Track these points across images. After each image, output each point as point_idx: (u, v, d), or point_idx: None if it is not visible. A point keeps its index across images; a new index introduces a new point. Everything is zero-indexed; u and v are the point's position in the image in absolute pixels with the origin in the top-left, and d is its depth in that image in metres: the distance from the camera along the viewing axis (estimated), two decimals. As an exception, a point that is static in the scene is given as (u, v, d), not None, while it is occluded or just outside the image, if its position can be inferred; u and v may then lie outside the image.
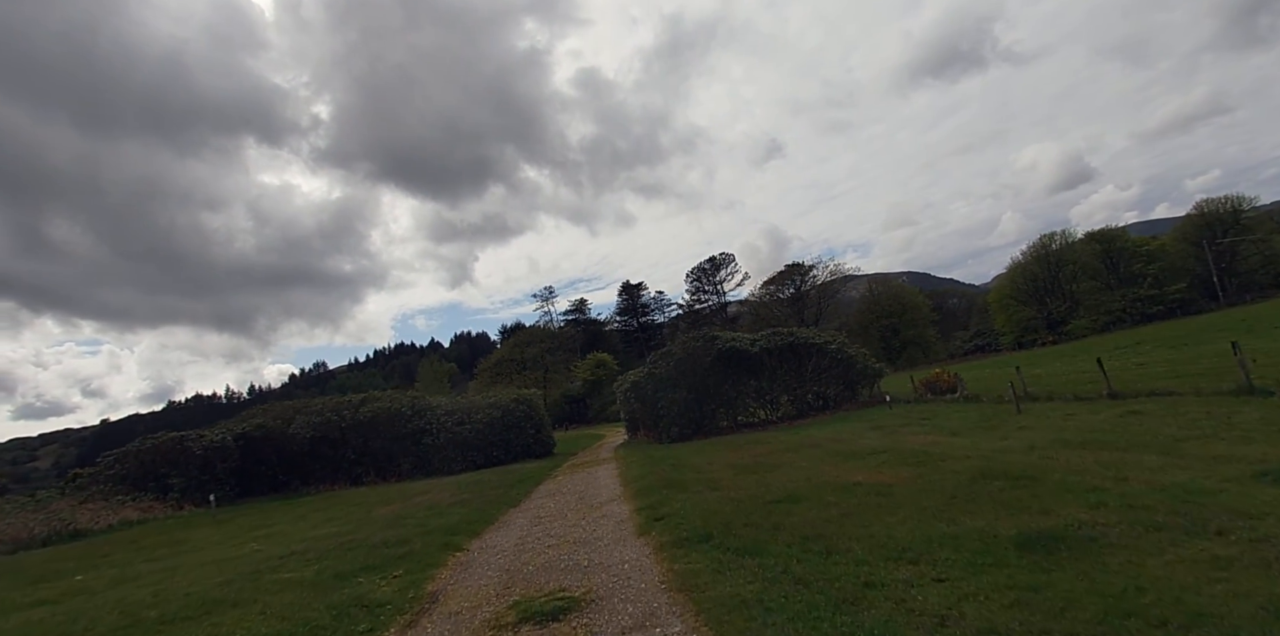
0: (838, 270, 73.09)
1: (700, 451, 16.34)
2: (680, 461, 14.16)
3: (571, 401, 73.90)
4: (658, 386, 21.86)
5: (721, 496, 8.47)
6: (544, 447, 24.18)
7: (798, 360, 22.36)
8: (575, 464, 18.65)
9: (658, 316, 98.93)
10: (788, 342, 22.45)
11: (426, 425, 23.14)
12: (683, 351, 21.97)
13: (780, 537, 5.82)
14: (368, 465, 22.82)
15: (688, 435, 21.32)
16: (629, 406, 23.11)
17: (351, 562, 7.09)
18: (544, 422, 24.50)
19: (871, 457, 10.70)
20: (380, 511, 12.63)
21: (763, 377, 22.09)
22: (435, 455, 22.79)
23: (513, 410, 23.68)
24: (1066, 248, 64.62)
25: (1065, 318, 61.59)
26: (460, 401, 24.74)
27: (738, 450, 15.29)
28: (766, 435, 18.09)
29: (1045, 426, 11.18)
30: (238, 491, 21.91)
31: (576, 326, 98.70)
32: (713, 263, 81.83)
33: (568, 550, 6.63)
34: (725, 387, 21.92)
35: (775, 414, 22.32)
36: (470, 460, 22.75)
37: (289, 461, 22.96)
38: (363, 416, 22.82)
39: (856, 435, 14.54)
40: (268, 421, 23.57)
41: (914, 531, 5.74)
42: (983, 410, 15.18)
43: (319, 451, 22.78)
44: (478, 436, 23.03)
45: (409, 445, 22.99)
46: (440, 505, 11.96)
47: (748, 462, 12.31)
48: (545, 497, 11.65)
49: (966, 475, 7.86)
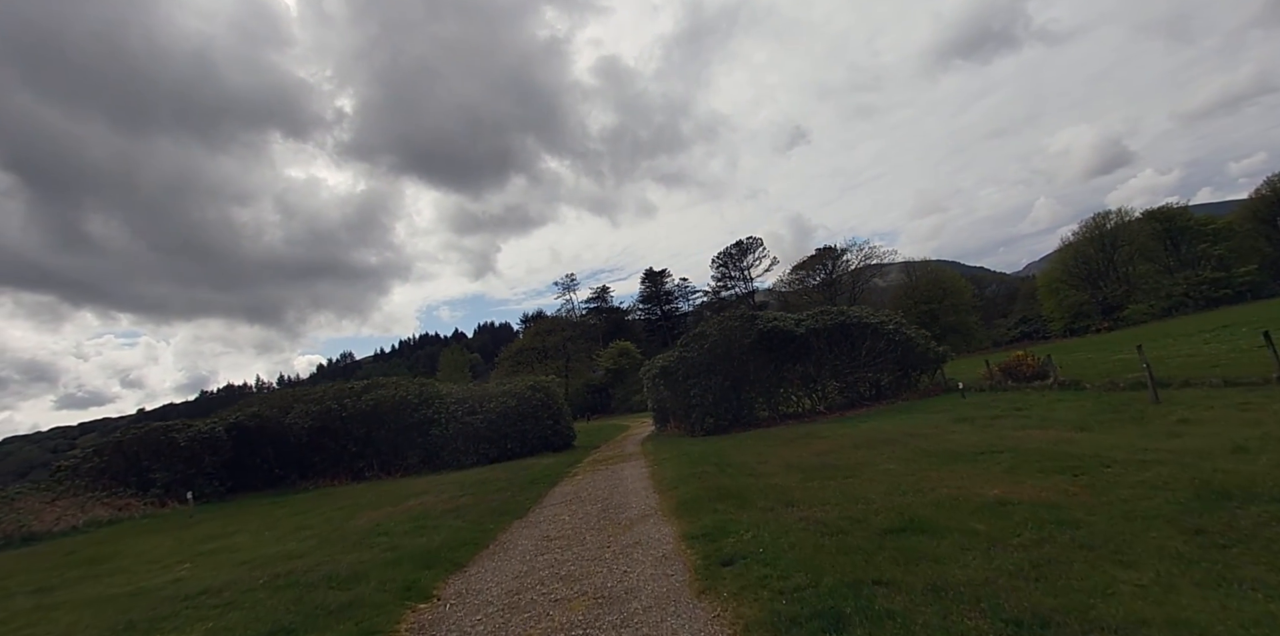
0: (872, 254, 69.46)
1: (743, 446, 13.85)
2: (724, 458, 11.69)
3: (594, 390, 71.88)
4: (690, 372, 19.37)
5: (804, 518, 5.96)
6: (563, 440, 21.89)
7: (849, 343, 19.67)
8: (597, 459, 16.28)
9: (682, 304, 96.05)
10: (837, 322, 19.76)
11: (435, 415, 20.98)
12: (718, 332, 19.43)
13: (959, 615, 3.29)
14: (370, 458, 20.77)
15: (724, 427, 18.83)
16: (657, 394, 20.67)
17: (263, 620, 4.75)
18: (563, 412, 22.21)
19: (985, 459, 8.12)
20: (361, 519, 10.39)
21: (809, 362, 19.45)
22: (444, 447, 20.65)
23: (528, 399, 21.40)
24: (1122, 227, 60.23)
25: (1121, 302, 57.43)
26: (472, 389, 22.54)
27: (790, 445, 12.77)
28: (819, 428, 15.51)
29: (1220, 419, 8.46)
30: (229, 486, 20.02)
31: (599, 315, 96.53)
32: (740, 247, 78.69)
33: (585, 612, 4.20)
34: (766, 373, 19.34)
35: (822, 403, 19.69)
36: (482, 453, 20.55)
37: (286, 454, 21.01)
38: (365, 405, 20.74)
39: (939, 429, 11.91)
40: (263, 410, 21.63)
41: (1208, 605, 3.19)
42: (1100, 399, 12.41)
43: (318, 443, 20.78)
44: (490, 427, 20.80)
45: (415, 436, 20.87)
46: (431, 513, 9.66)
47: (812, 463, 9.78)
48: (559, 506, 9.26)
49: (1181, 490, 5.25)
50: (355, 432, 20.75)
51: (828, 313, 20.15)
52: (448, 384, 23.49)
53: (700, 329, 19.97)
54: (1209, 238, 56.78)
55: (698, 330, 19.97)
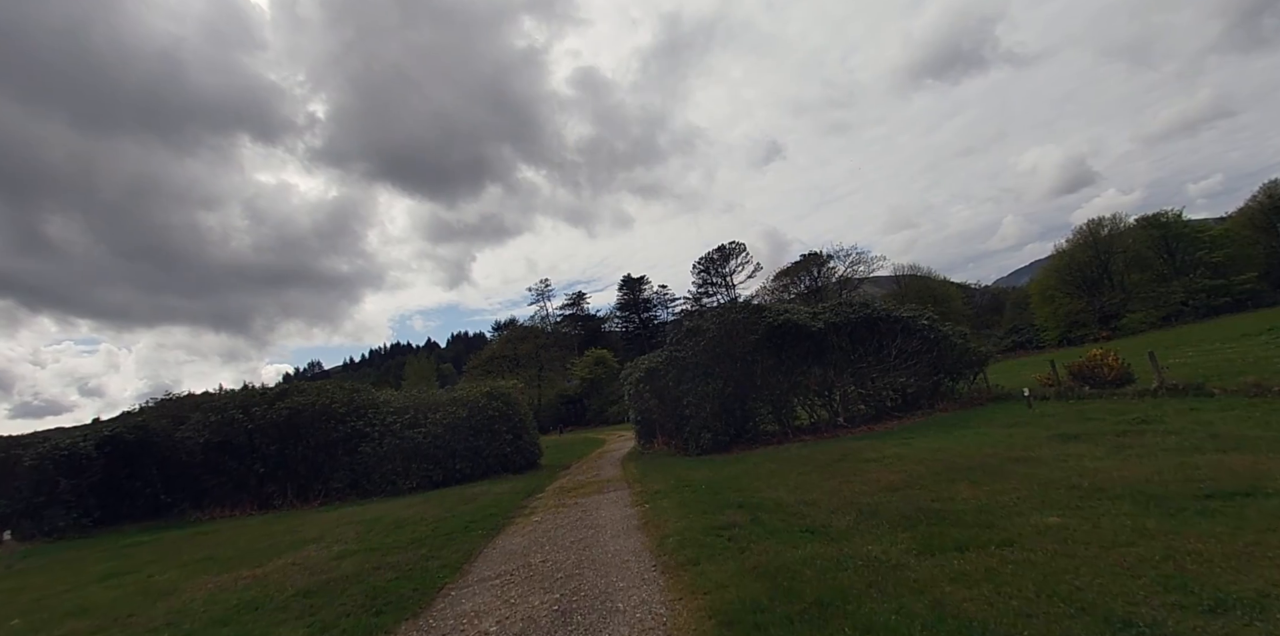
0: (859, 260, 66.82)
1: (762, 472, 10.20)
2: (747, 494, 8.01)
3: (568, 401, 67.78)
4: (682, 375, 15.70)
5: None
6: (525, 458, 17.99)
7: (875, 341, 16.21)
8: (566, 487, 12.45)
9: (661, 312, 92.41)
10: (862, 317, 16.30)
11: (367, 428, 16.95)
12: (718, 327, 15.81)
13: None
14: (283, 481, 16.63)
15: (724, 443, 15.17)
16: (641, 403, 16.93)
17: None
18: (526, 425, 18.32)
19: (1241, 510, 4.59)
20: (186, 591, 6.50)
21: (828, 364, 15.92)
22: (376, 468, 16.60)
23: (483, 408, 17.48)
24: (1116, 234, 58.43)
25: (1119, 310, 55.37)
26: (415, 397, 18.54)
27: (833, 472, 9.15)
28: (854, 446, 11.93)
29: None
30: (96, 517, 15.69)
31: (574, 323, 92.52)
32: (722, 252, 75.52)
33: None
34: (776, 378, 15.75)
35: (842, 414, 16.13)
36: (424, 475, 16.57)
37: (176, 475, 16.76)
38: (278, 415, 16.62)
39: (1049, 450, 8.38)
40: (150, 420, 17.37)
41: None
42: (1248, 407, 9.02)
43: (217, 462, 16.58)
44: (435, 444, 16.83)
45: (341, 454, 16.79)
46: (272, 597, 5.79)
47: (898, 507, 6.16)
48: (489, 591, 5.44)
49: None
50: (264, 449, 16.60)
51: (850, 305, 16.70)
52: (387, 391, 19.49)
53: (695, 323, 16.33)
54: (1205, 245, 55.14)
55: (692, 324, 16.34)
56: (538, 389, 70.52)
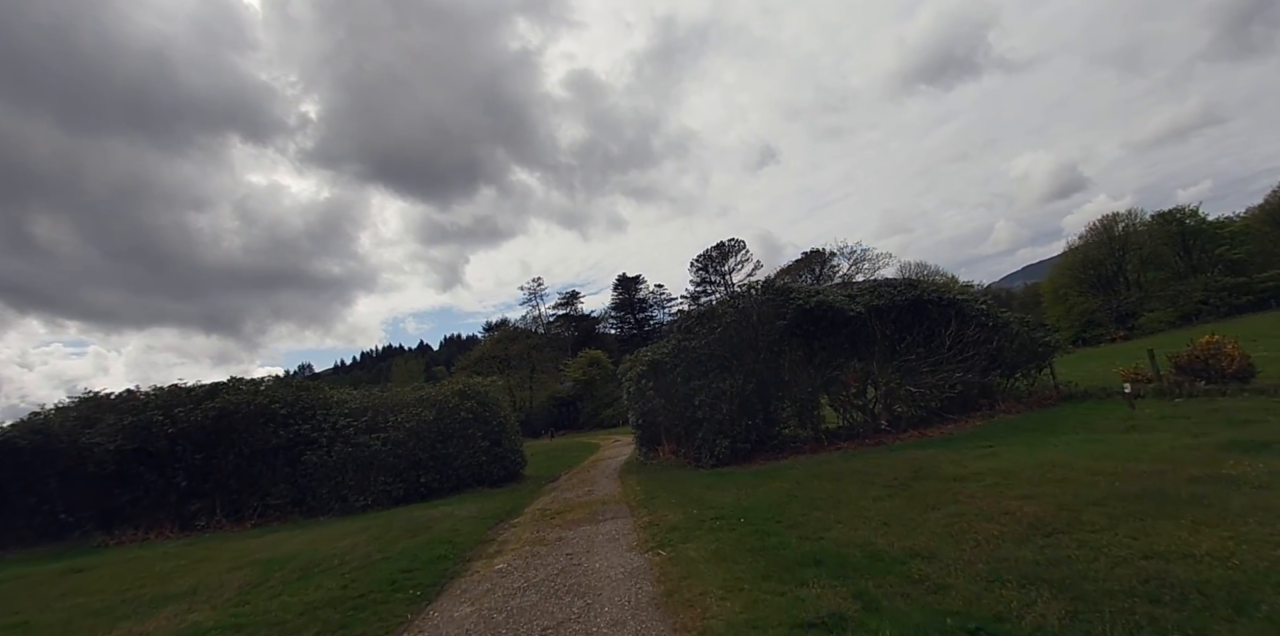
0: (864, 258, 64.26)
1: (811, 495, 7.50)
2: (818, 537, 5.30)
3: (561, 404, 64.93)
4: (693, 369, 12.98)
5: None
6: (505, 468, 15.20)
7: (925, 328, 13.53)
8: (549, 510, 9.67)
9: (657, 313, 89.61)
10: (909, 299, 13.63)
11: (314, 433, 14.14)
12: (736, 312, 13.10)
13: None
14: (211, 496, 13.79)
15: (745, 452, 12.46)
16: (643, 403, 14.16)
17: None
18: (506, 429, 15.52)
19: None
20: None
21: (869, 356, 13.21)
22: (324, 482, 13.79)
23: (454, 410, 14.69)
24: (1132, 231, 56.14)
25: (1136, 309, 53.00)
26: (375, 397, 15.70)
27: (916, 496, 6.44)
28: (917, 456, 9.23)
29: None
30: (-26, 543, 12.81)
31: (568, 324, 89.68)
32: (721, 250, 72.89)
33: None
34: (807, 373, 13.04)
35: (884, 416, 13.40)
36: (382, 489, 13.78)
37: (80, 489, 13.88)
38: (205, 417, 13.78)
39: (1256, 467, 5.70)
40: (54, 423, 14.48)
41: None
42: None
43: (131, 473, 13.72)
44: (396, 451, 14.03)
45: (282, 465, 13.97)
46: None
47: (1125, 577, 3.42)
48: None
49: None
50: (188, 458, 13.76)
51: (894, 285, 14.00)
52: (343, 389, 16.69)
53: (710, 306, 13.59)
54: (1225, 241, 52.92)
55: (706, 308, 13.59)
56: (529, 391, 67.65)
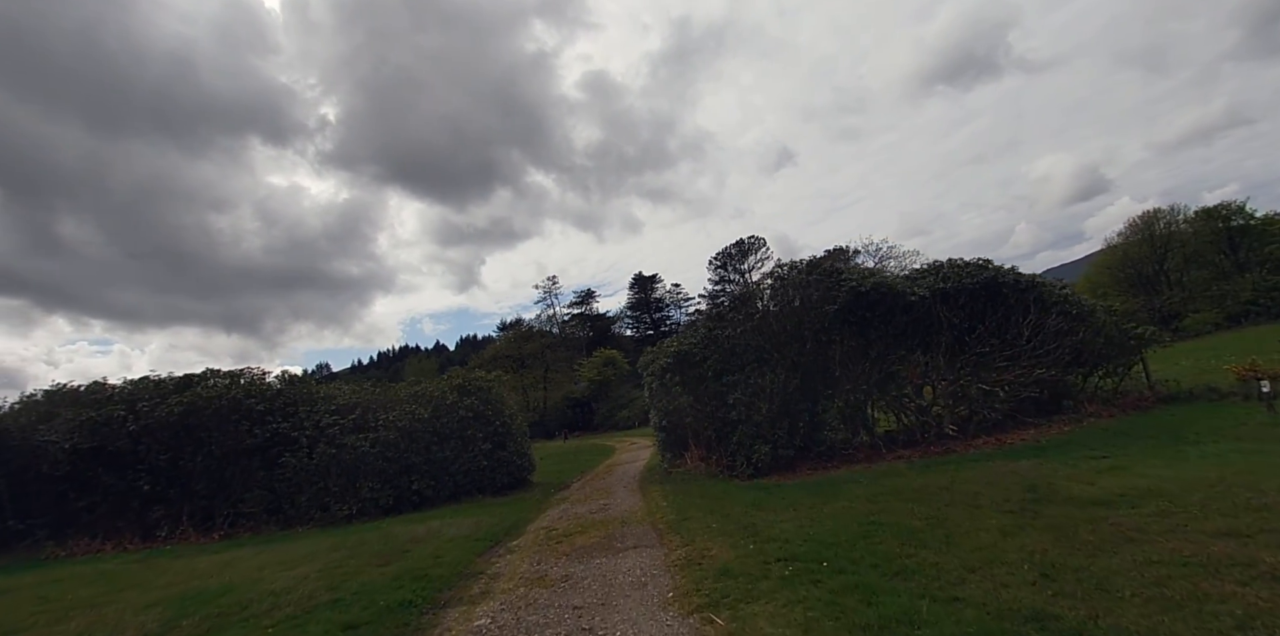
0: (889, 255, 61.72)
1: (900, 522, 5.63)
2: (948, 596, 3.41)
3: (575, 405, 63.18)
4: (727, 362, 11.12)
5: None
6: (509, 474, 13.43)
7: (1000, 317, 11.55)
8: (555, 531, 7.85)
9: (674, 312, 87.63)
10: (981, 282, 11.66)
11: (293, 431, 12.48)
12: (778, 298, 11.22)
13: None
14: (177, 502, 12.17)
15: (788, 460, 10.56)
16: (666, 401, 12.29)
17: None
18: (511, 429, 13.74)
19: None
20: None
21: (936, 349, 11.26)
22: (304, 488, 12.11)
23: (451, 407, 12.94)
24: (1175, 229, 53.27)
25: (1179, 310, 50.15)
26: (365, 393, 14.01)
27: (1060, 529, 4.49)
28: (1012, 470, 7.30)
29: None
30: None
31: (583, 323, 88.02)
32: (740, 247, 70.75)
33: None
34: (862, 367, 11.12)
35: (949, 418, 11.41)
36: (370, 498, 12.09)
37: (32, 493, 12.34)
38: (171, 413, 12.16)
39: None
40: (6, 419, 12.97)
41: None
42: None
43: (89, 476, 12.15)
44: (384, 454, 12.32)
45: (257, 468, 12.32)
46: None
47: None
48: None
49: None
50: (153, 459, 12.15)
51: (962, 266, 12.01)
52: (333, 384, 15.04)
53: (746, 289, 11.73)
54: (1275, 239, 49.91)
55: (742, 291, 11.73)
56: (543, 391, 66.04)
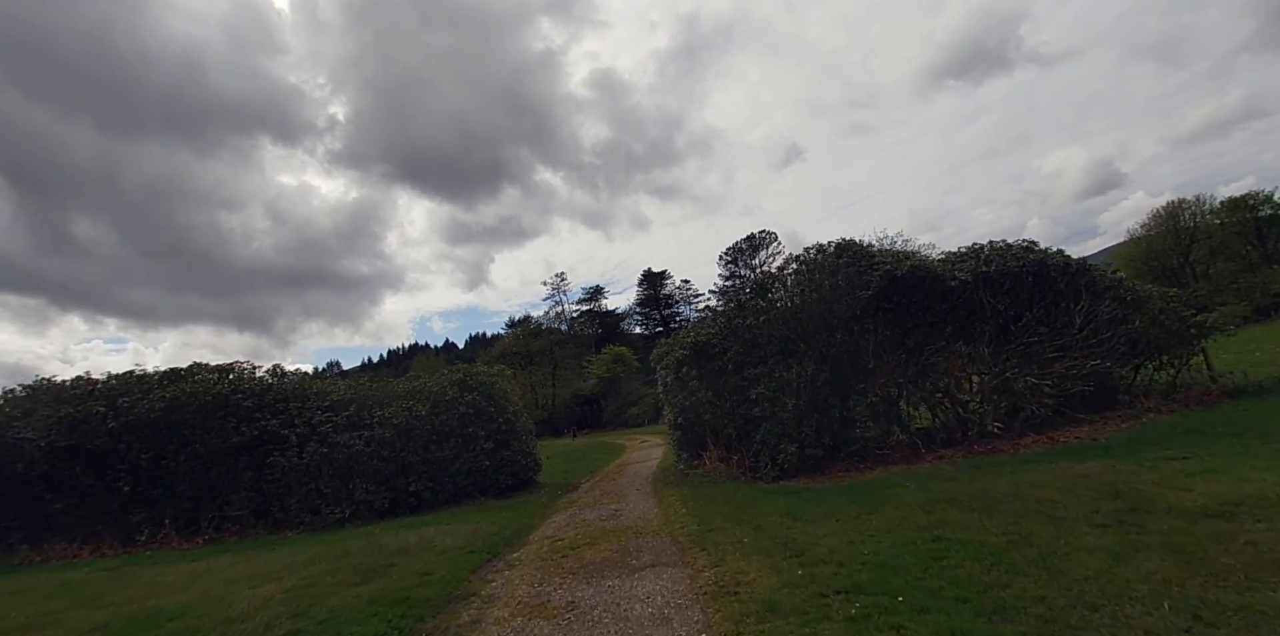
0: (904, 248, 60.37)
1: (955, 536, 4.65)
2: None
3: (584, 402, 62.43)
4: (749, 353, 10.19)
5: None
6: (514, 475, 12.56)
7: (1049, 303, 10.52)
8: (561, 542, 6.95)
9: (683, 309, 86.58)
10: (1027, 265, 10.63)
11: (283, 429, 11.67)
12: (804, 284, 10.26)
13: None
14: (159, 504, 11.40)
15: (816, 460, 9.61)
16: (682, 397, 11.35)
17: None
18: (516, 427, 12.86)
19: None
20: None
21: (980, 339, 10.26)
22: (294, 489, 11.31)
23: (451, 403, 12.09)
24: (1201, 219, 51.68)
25: (1206, 304, 48.62)
26: (360, 388, 13.19)
27: (1176, 550, 3.51)
28: (1080, 473, 6.33)
29: None
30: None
31: (592, 320, 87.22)
32: (751, 242, 69.61)
33: None
34: (897, 358, 10.14)
35: (991, 415, 10.39)
36: (364, 500, 11.26)
37: (7, 494, 11.59)
38: (153, 409, 11.38)
39: None
40: (-18, 416, 12.23)
41: None
42: None
43: (66, 476, 11.40)
44: (379, 453, 11.49)
45: (244, 468, 11.52)
46: None
47: None
48: None
49: None
50: (134, 458, 11.38)
51: (1005, 250, 10.97)
52: (327, 380, 14.25)
53: (772, 273, 10.76)
54: (1308, 229, 48.28)
55: (766, 274, 10.78)
56: (552, 388, 65.34)
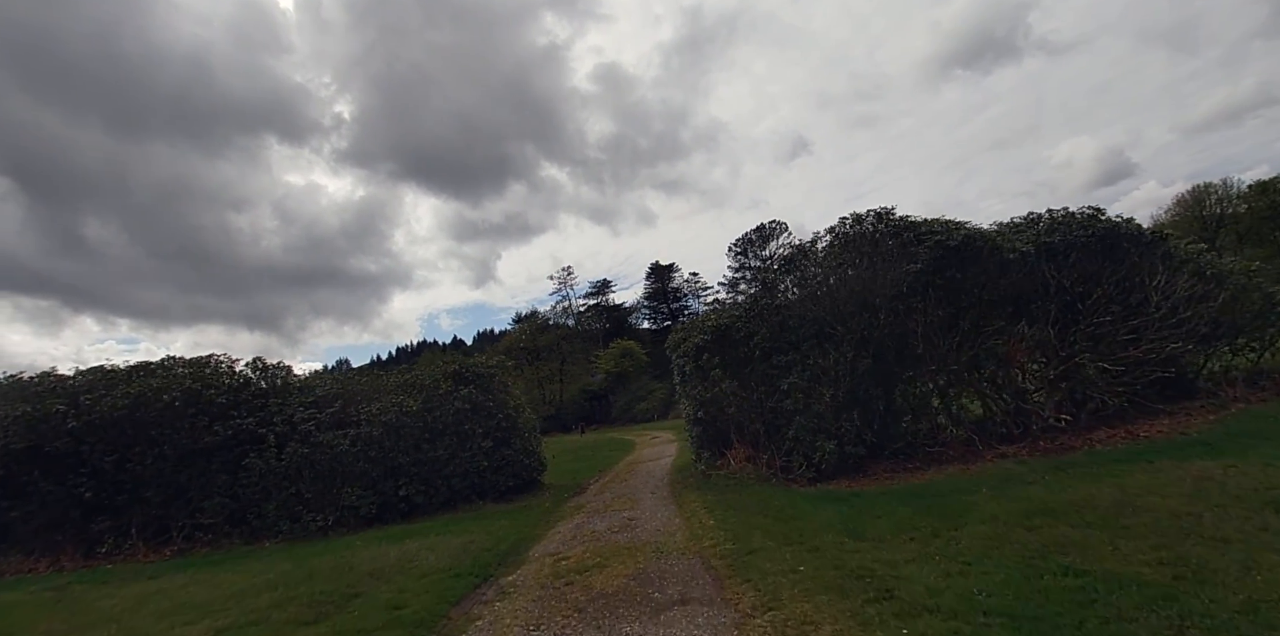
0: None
1: (1093, 567, 3.36)
2: None
3: (592, 397, 61.36)
4: (777, 339, 8.95)
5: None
6: (515, 476, 11.38)
7: (1122, 278, 9.21)
8: (565, 568, 5.75)
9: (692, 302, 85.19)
10: (1096, 234, 9.31)
11: (260, 428, 10.54)
12: (840, 258, 9.01)
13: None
14: (124, 512, 10.32)
15: (857, 460, 8.38)
16: (703, 388, 10.10)
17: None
18: (517, 424, 11.68)
19: None
20: None
21: (1045, 319, 8.96)
22: (272, 494, 10.18)
23: (445, 397, 10.92)
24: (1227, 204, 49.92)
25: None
26: (350, 382, 12.06)
27: None
28: (1213, 477, 5.07)
29: None
30: None
31: (599, 314, 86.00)
32: (761, 233, 68.01)
33: None
34: (950, 342, 8.87)
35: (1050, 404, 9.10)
36: (349, 506, 10.13)
37: (-40, 503, 10.54)
38: (115, 407, 10.27)
39: None
40: (-67, 415, 11.18)
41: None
42: None
43: (24, 480, 10.32)
44: (367, 453, 10.35)
45: (217, 471, 10.40)
46: None
47: None
48: None
49: None
50: (97, 461, 10.28)
51: (1066, 218, 9.64)
52: (315, 374, 13.13)
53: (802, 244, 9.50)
54: (1344, 213, 46.39)
55: (798, 246, 9.51)
56: (559, 384, 64.32)
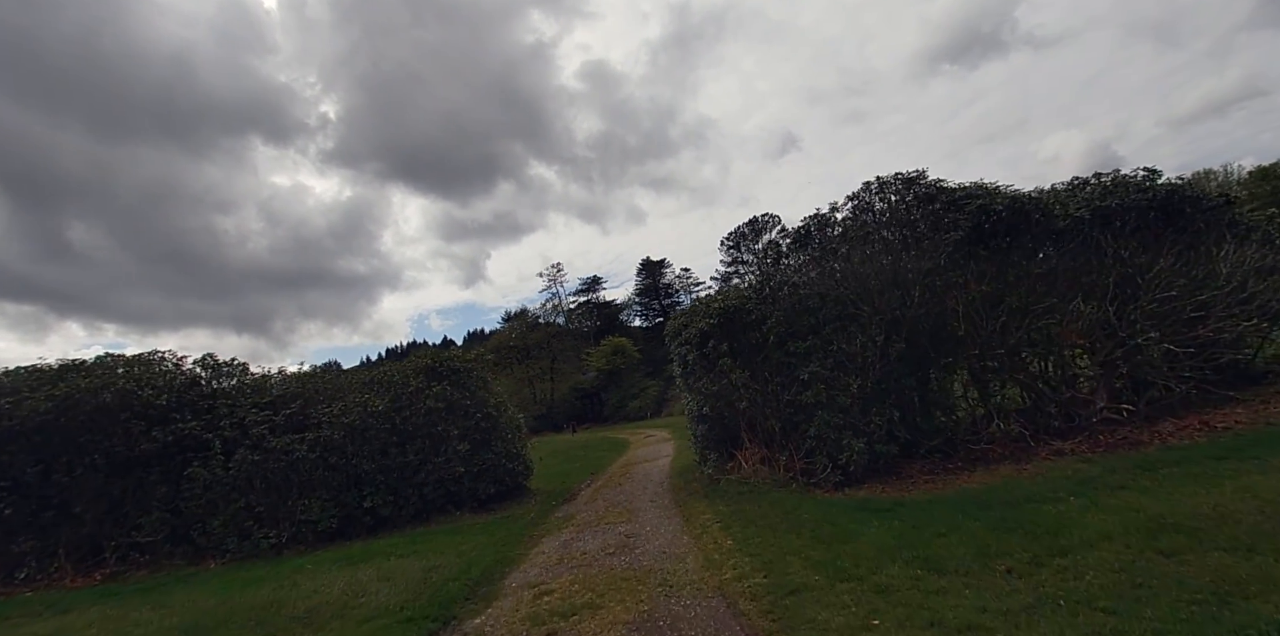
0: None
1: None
2: None
3: (584, 396, 60.07)
4: (794, 322, 7.76)
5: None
6: (497, 482, 10.13)
7: (1185, 247, 8.10)
8: (547, 608, 4.56)
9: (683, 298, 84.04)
10: (1155, 198, 8.19)
11: (206, 432, 9.24)
12: (864, 228, 7.81)
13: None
14: (49, 530, 8.98)
15: (889, 461, 7.20)
16: (709, 380, 8.86)
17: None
18: (498, 423, 10.42)
19: None
20: None
21: (1103, 296, 7.82)
22: (219, 507, 8.88)
23: (416, 396, 9.65)
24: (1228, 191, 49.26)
25: (1236, 280, 46.33)
26: (309, 381, 10.76)
27: None
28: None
29: None
30: None
31: (589, 311, 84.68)
32: (753, 226, 66.77)
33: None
34: (995, 322, 7.70)
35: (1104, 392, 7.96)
36: (306, 520, 8.85)
37: None
38: (35, 411, 8.93)
39: None
40: None
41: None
42: None
43: (-68, 498, 8.97)
44: (327, 460, 9.07)
45: (156, 481, 9.09)
46: None
47: None
48: None
49: None
50: (18, 472, 8.95)
51: (1124, 182, 8.50)
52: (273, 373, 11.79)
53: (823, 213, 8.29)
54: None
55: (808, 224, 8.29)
56: (550, 383, 63.02)
